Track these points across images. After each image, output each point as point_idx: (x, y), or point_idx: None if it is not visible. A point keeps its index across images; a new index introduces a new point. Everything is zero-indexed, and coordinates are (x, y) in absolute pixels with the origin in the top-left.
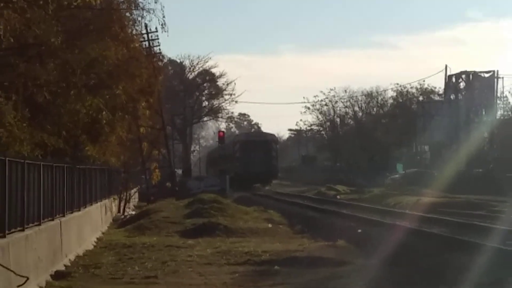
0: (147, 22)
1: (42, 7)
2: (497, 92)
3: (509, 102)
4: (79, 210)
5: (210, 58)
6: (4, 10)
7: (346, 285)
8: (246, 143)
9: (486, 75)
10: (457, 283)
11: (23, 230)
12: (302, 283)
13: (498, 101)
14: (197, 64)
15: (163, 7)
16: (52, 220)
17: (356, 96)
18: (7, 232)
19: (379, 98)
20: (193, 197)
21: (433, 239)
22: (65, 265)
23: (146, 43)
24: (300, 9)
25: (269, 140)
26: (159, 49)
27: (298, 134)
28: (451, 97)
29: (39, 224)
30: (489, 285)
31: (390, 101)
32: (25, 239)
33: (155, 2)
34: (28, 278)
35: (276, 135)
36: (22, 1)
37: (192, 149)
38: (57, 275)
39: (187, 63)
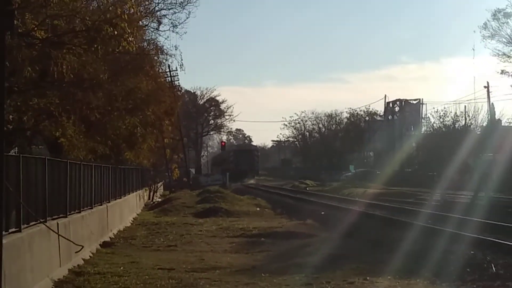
0: (169, 63)
1: (94, 52)
2: (421, 114)
3: (430, 122)
4: (120, 198)
5: (215, 89)
6: (66, 55)
7: (313, 251)
8: (237, 151)
9: (414, 102)
10: (393, 249)
11: (79, 212)
12: (281, 250)
13: (422, 121)
14: (206, 93)
15: (181, 52)
16: (101, 205)
17: (320, 117)
18: (68, 213)
19: (337, 118)
20: (202, 188)
21: (376, 218)
22: (110, 237)
23: (169, 78)
24: (279, 53)
25: (253, 149)
26: (178, 83)
27: (278, 144)
28: (389, 117)
29: (91, 208)
30: (415, 252)
31: (345, 120)
32: (81, 218)
33: (175, 49)
34: (83, 247)
35: (262, 145)
36: (79, 48)
37: (202, 154)
38: (104, 244)
39: (198, 92)
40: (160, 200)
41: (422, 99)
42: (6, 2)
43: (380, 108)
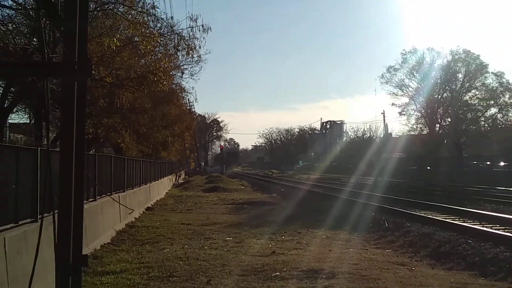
0: (188, 98)
1: (142, 91)
2: (343, 130)
3: (349, 134)
4: (157, 180)
5: (216, 113)
6: (125, 92)
7: (276, 213)
8: (228, 153)
9: (338, 122)
10: (326, 213)
11: (132, 189)
12: (257, 212)
13: (344, 134)
14: (211, 116)
15: (196, 91)
16: (146, 184)
17: (281, 131)
18: (125, 190)
19: (291, 132)
20: (208, 174)
21: (316, 194)
22: (151, 204)
23: (188, 106)
24: (257, 90)
25: (237, 152)
26: (194, 109)
27: (255, 148)
28: (323, 132)
29: (140, 186)
30: (339, 214)
31: (296, 133)
32: (133, 193)
33: (192, 89)
34: (133, 210)
35: (246, 148)
36: (133, 88)
37: (208, 153)
38: (147, 209)
39: (206, 115)
40: (182, 181)
41: (344, 120)
42: (87, 60)
43: (318, 126)
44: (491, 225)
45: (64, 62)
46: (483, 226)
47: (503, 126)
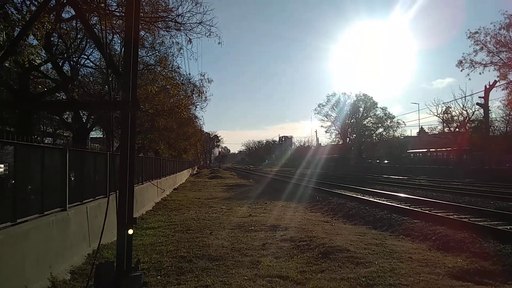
0: (199, 121)
1: (170, 117)
2: (293, 142)
3: (296, 145)
4: (180, 172)
5: (216, 132)
6: (161, 118)
7: (252, 192)
8: (223, 155)
9: (289, 137)
10: (283, 192)
11: (165, 177)
12: (241, 191)
13: (293, 144)
14: (212, 133)
15: (204, 117)
16: (173, 174)
17: (255, 142)
18: (160, 177)
19: (262, 143)
20: (211, 168)
21: (278, 179)
22: (177, 186)
23: (199, 127)
24: (240, 117)
25: (225, 154)
26: (203, 128)
27: (240, 152)
28: (280, 142)
29: (170, 175)
30: (291, 193)
31: (264, 143)
32: (166, 179)
33: (202, 117)
34: (165, 190)
35: (234, 152)
36: (166, 116)
37: (211, 155)
38: (174, 189)
39: (210, 132)
40: (195, 173)
41: (293, 136)
42: (136, 100)
43: (277, 139)
44: (379, 198)
45: (123, 101)
46: (374, 198)
47: (386, 139)
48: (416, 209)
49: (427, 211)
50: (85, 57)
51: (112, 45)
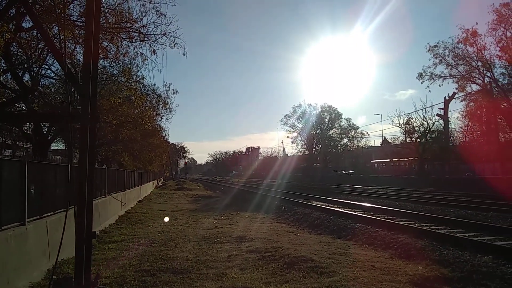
0: (165, 133)
1: (135, 129)
2: (259, 152)
3: (263, 155)
4: (146, 183)
5: (183, 143)
6: (125, 130)
7: (219, 203)
8: (189, 166)
9: (256, 147)
10: (250, 202)
11: (130, 189)
12: (207, 202)
13: (260, 155)
14: (179, 144)
15: (169, 128)
16: (138, 186)
17: (222, 153)
18: (124, 190)
19: (228, 154)
20: (178, 180)
21: (244, 190)
22: (141, 199)
23: (165, 138)
24: (207, 128)
25: (191, 166)
26: (169, 139)
27: (207, 163)
28: (247, 153)
29: (134, 188)
30: (258, 203)
31: (231, 154)
32: (130, 191)
33: (167, 128)
34: (125, 203)
35: (201, 163)
36: (129, 127)
37: (177, 166)
38: (139, 202)
39: (176, 143)
40: (161, 184)
41: (259, 146)
42: (96, 112)
43: (244, 150)
44: (344, 207)
45: (81, 113)
46: (339, 208)
47: (351, 149)
48: (379, 218)
49: (389, 220)
50: (47, 67)
51: (75, 55)
